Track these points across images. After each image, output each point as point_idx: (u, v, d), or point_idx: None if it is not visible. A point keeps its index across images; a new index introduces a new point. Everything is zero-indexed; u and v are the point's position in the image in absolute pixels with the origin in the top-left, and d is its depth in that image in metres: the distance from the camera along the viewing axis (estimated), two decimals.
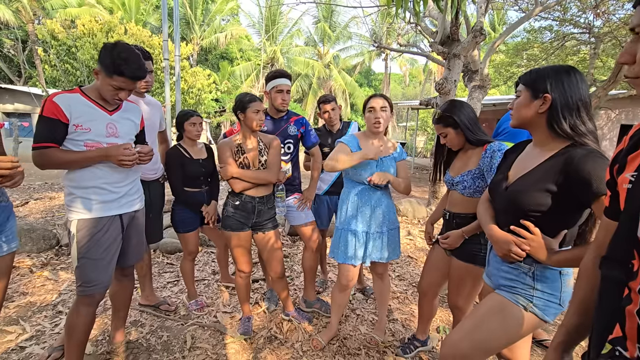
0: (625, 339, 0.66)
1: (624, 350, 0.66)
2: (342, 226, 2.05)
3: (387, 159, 2.03)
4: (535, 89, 1.17)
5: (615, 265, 0.70)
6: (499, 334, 1.25)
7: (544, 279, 1.21)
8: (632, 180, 0.68)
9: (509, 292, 1.26)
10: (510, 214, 1.23)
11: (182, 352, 2.10)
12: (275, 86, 2.32)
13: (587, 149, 1.09)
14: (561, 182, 1.10)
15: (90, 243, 1.61)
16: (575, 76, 1.15)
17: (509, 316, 1.23)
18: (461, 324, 1.35)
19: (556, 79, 1.14)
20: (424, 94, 26.63)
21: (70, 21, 13.51)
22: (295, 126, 2.47)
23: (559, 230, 1.18)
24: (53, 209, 5.18)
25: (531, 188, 1.15)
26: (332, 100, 2.73)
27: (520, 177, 1.21)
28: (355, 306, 2.72)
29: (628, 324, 0.65)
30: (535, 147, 1.25)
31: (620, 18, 7.22)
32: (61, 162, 1.55)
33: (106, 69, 1.54)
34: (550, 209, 1.13)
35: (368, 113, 1.98)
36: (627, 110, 9.74)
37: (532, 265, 1.21)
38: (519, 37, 11.70)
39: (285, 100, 2.35)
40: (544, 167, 1.16)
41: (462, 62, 4.66)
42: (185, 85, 12.64)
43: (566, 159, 1.10)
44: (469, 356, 1.28)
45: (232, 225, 2.14)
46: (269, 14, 22.11)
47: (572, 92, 1.13)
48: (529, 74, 1.21)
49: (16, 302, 2.55)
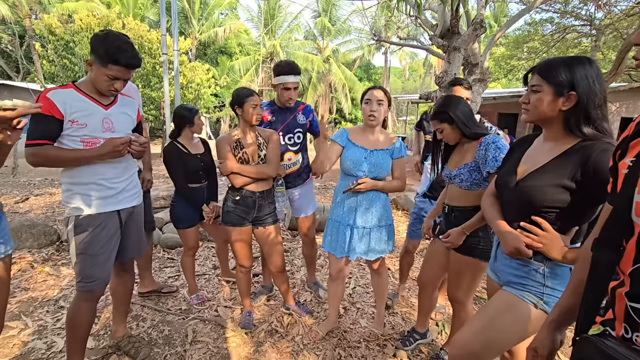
0: (615, 320, 0.68)
1: (612, 330, 0.68)
2: (330, 216, 2.12)
3: (380, 152, 1.98)
4: (559, 84, 1.08)
5: (607, 248, 0.71)
6: (510, 332, 1.23)
7: (554, 276, 1.18)
8: (630, 165, 0.69)
9: (519, 289, 1.23)
10: (520, 210, 1.20)
11: (183, 346, 2.11)
12: (283, 83, 2.30)
13: (604, 144, 1.05)
14: (578, 177, 1.06)
15: (88, 239, 1.61)
16: (595, 69, 1.07)
17: (520, 314, 1.21)
18: (471, 323, 1.34)
19: (581, 72, 1.06)
20: (424, 88, 26.52)
21: (67, 16, 13.39)
22: (304, 114, 2.48)
23: (571, 227, 1.15)
24: (53, 205, 5.18)
25: (545, 184, 1.11)
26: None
27: (532, 173, 1.17)
28: (356, 300, 2.73)
29: (617, 305, 0.67)
30: (547, 141, 1.19)
31: (622, 10, 7.16)
32: (55, 161, 1.53)
33: (100, 59, 1.51)
34: (566, 206, 1.10)
35: (364, 105, 1.97)
36: (628, 102, 9.71)
37: (543, 263, 1.18)
38: (520, 30, 11.62)
39: (292, 97, 2.34)
40: (559, 162, 1.11)
41: (462, 55, 4.62)
42: (184, 80, 12.56)
43: (583, 155, 1.06)
44: (480, 355, 1.27)
45: (233, 220, 2.14)
46: (267, 8, 21.93)
47: (596, 88, 1.06)
48: (548, 66, 1.11)
49: (18, 297, 2.56)
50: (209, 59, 23.40)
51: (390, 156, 2.01)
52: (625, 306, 0.66)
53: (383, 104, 1.94)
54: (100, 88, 1.59)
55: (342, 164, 2.04)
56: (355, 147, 2.00)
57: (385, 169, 1.99)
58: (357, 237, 2.01)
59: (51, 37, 11.14)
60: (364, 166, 1.96)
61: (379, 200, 2.01)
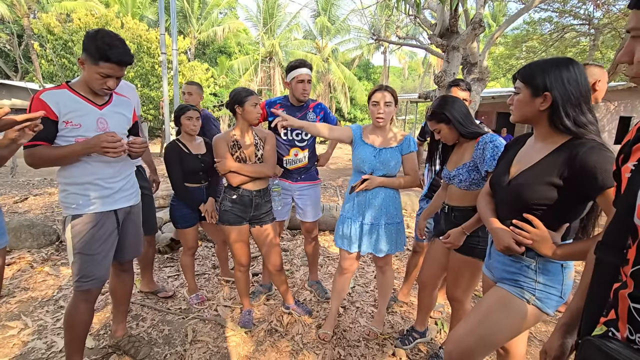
0: (618, 320, 0.68)
1: (616, 331, 0.69)
2: (342, 212, 2.14)
3: (389, 150, 2.01)
4: (535, 86, 1.14)
5: (611, 251, 0.72)
6: (504, 327, 1.26)
7: (546, 272, 1.21)
8: (632, 169, 0.70)
9: (512, 285, 1.26)
10: (513, 207, 1.23)
11: (183, 345, 2.12)
12: (296, 76, 2.34)
13: (591, 142, 1.08)
14: (566, 175, 1.09)
15: (85, 238, 1.61)
16: (574, 69, 1.12)
17: (513, 310, 1.24)
18: (465, 320, 1.36)
19: (555, 74, 1.12)
20: (423, 87, 26.52)
21: (65, 15, 13.37)
22: (315, 112, 2.50)
23: (561, 224, 1.18)
24: (52, 205, 5.18)
25: (535, 181, 1.15)
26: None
27: (523, 171, 1.21)
28: (355, 299, 2.74)
29: (620, 306, 0.68)
30: (537, 140, 1.24)
31: (620, 9, 7.18)
32: (50, 159, 1.53)
33: (91, 57, 1.51)
34: (554, 203, 1.13)
35: (372, 106, 1.99)
36: (626, 102, 9.73)
37: (535, 259, 1.21)
38: (519, 29, 11.63)
39: (306, 90, 2.37)
40: (548, 160, 1.15)
41: (461, 54, 4.63)
42: (183, 80, 12.56)
43: (570, 153, 1.09)
44: (474, 351, 1.29)
45: (230, 219, 2.14)
46: (266, 7, 21.89)
47: (573, 87, 1.11)
48: (527, 69, 1.18)
49: (17, 297, 2.56)
50: (208, 59, 23.35)
51: (400, 153, 2.03)
52: (629, 307, 0.66)
53: (390, 105, 1.96)
54: (93, 87, 1.58)
55: (353, 161, 2.08)
56: (365, 145, 2.03)
57: (394, 167, 2.01)
58: (366, 232, 2.02)
59: (49, 36, 11.11)
60: (372, 164, 1.99)
61: (388, 197, 2.03)
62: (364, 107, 24.96)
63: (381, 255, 2.05)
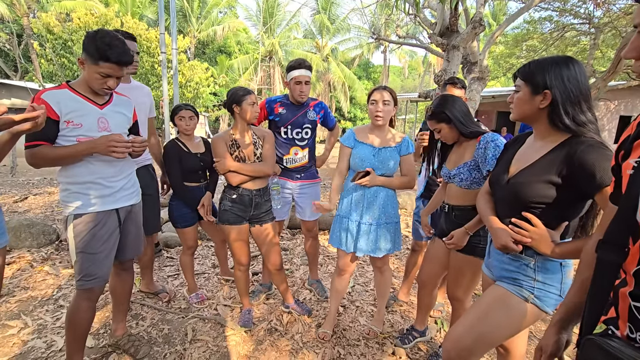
0: (618, 318, 0.68)
1: (616, 330, 0.69)
2: (339, 212, 2.13)
3: (388, 150, 2.01)
4: (534, 84, 1.15)
5: (612, 249, 0.71)
6: (503, 326, 1.26)
7: (545, 271, 1.21)
8: (635, 166, 0.69)
9: (511, 284, 1.26)
10: (512, 206, 1.23)
11: (183, 344, 2.12)
12: (294, 77, 2.34)
13: (590, 140, 1.08)
14: (564, 173, 1.09)
15: (87, 237, 1.62)
16: (574, 68, 1.13)
17: (512, 308, 1.24)
18: (464, 318, 1.36)
19: (555, 72, 1.12)
20: (423, 86, 26.51)
21: (65, 14, 13.34)
22: (315, 111, 2.50)
23: (560, 222, 1.18)
24: (52, 204, 5.18)
25: (534, 180, 1.15)
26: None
27: (522, 170, 1.21)
28: (355, 298, 2.74)
29: (621, 304, 0.68)
30: (537, 139, 1.24)
31: (621, 8, 7.17)
32: (52, 159, 1.53)
33: (91, 57, 1.51)
34: (553, 201, 1.13)
35: (371, 105, 1.99)
36: (627, 101, 9.73)
37: (533, 257, 1.21)
38: (519, 29, 11.62)
39: (303, 91, 2.37)
40: (547, 159, 1.15)
41: (461, 53, 4.62)
42: (183, 79, 12.54)
43: (569, 151, 1.09)
44: (472, 349, 1.29)
45: (230, 218, 2.14)
46: (266, 7, 21.87)
47: (572, 85, 1.11)
48: (527, 67, 1.19)
49: (17, 296, 2.56)
50: (208, 58, 23.34)
51: (398, 153, 2.03)
52: (629, 305, 0.66)
53: (389, 104, 1.96)
54: (93, 86, 1.59)
55: (351, 161, 2.08)
56: (363, 145, 2.03)
57: (392, 167, 2.02)
58: (363, 232, 2.02)
59: (49, 35, 11.10)
60: (371, 163, 1.99)
61: (385, 197, 2.03)
62: (363, 107, 24.94)
63: (380, 255, 2.05)
